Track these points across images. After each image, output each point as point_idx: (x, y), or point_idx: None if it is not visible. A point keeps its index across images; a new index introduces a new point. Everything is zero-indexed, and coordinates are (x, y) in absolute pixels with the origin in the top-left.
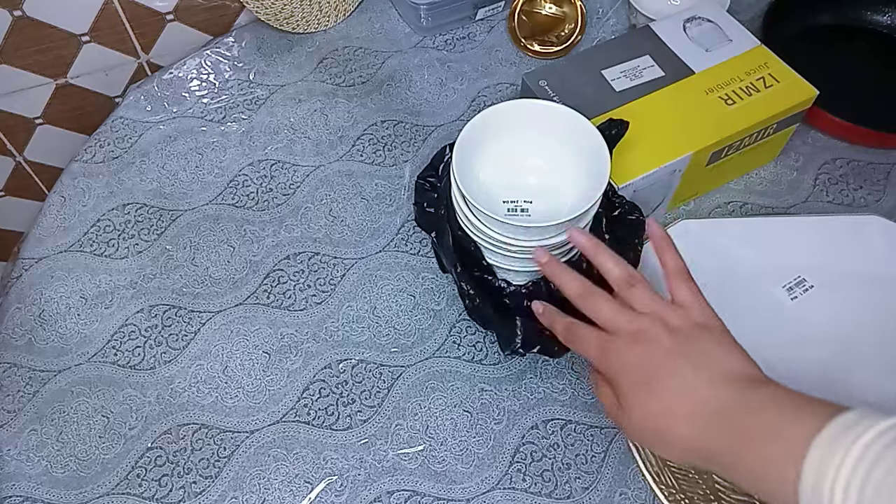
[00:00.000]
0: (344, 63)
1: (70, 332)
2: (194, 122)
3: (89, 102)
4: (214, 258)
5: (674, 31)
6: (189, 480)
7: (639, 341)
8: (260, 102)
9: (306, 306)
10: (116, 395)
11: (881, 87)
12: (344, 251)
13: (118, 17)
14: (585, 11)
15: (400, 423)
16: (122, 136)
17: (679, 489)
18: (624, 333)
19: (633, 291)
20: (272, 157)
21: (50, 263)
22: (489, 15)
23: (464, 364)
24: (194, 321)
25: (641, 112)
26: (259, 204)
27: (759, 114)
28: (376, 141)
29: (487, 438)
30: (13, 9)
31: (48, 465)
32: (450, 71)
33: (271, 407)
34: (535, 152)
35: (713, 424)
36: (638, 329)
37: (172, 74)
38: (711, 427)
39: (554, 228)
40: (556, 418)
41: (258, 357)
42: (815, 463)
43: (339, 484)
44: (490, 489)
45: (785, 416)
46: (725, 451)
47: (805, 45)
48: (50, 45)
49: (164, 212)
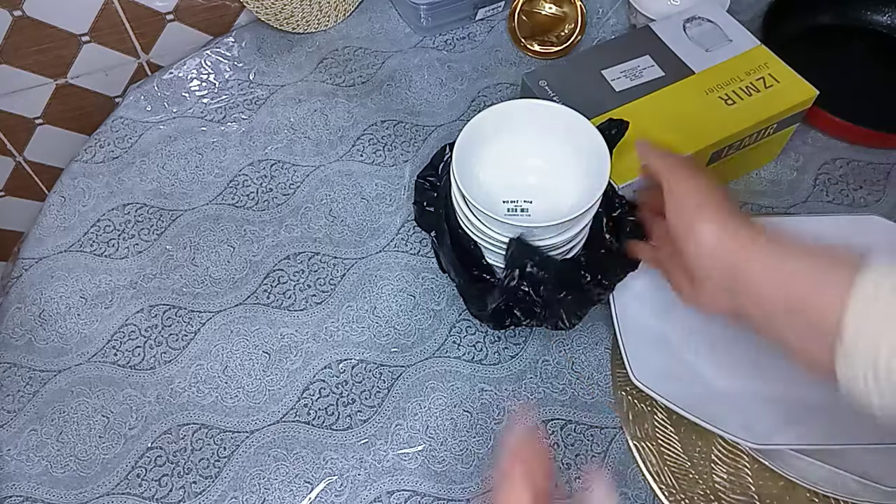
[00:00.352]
0: (344, 63)
1: (70, 332)
2: (194, 122)
3: (89, 102)
4: (214, 258)
5: (674, 31)
6: (189, 480)
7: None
8: (260, 102)
9: (306, 306)
10: (116, 395)
11: (881, 87)
12: (344, 251)
13: (118, 17)
14: (585, 11)
15: (400, 423)
16: (122, 136)
17: (679, 489)
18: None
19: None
20: (272, 157)
21: (50, 263)
22: (489, 15)
23: (464, 364)
24: (194, 321)
25: (641, 112)
26: (259, 204)
27: (759, 114)
28: (376, 141)
29: (487, 438)
30: (13, 9)
31: (48, 465)
32: (450, 71)
33: (271, 407)
34: (535, 152)
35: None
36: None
37: (172, 74)
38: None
39: (554, 228)
40: (556, 418)
41: (258, 357)
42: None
43: (339, 484)
44: (490, 489)
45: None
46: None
47: (805, 45)
48: (50, 45)
49: (164, 212)
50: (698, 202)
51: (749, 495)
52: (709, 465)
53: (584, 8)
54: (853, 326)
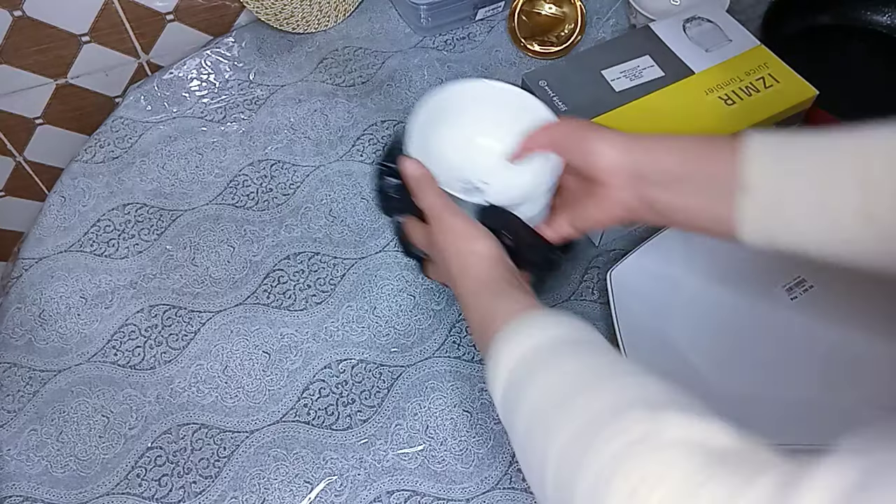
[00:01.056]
0: (344, 63)
1: (70, 332)
2: (194, 122)
3: (89, 102)
4: (214, 258)
5: (674, 32)
6: (189, 480)
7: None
8: (260, 102)
9: (306, 306)
10: (116, 395)
11: (881, 87)
12: (344, 251)
13: (118, 17)
14: (585, 11)
15: (400, 423)
16: (122, 136)
17: None
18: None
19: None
20: (272, 157)
21: (50, 263)
22: (489, 15)
23: (464, 364)
24: (194, 321)
25: (641, 112)
26: (259, 204)
27: (759, 114)
28: (376, 141)
29: (487, 438)
30: (13, 9)
31: (48, 465)
32: (450, 71)
33: (271, 407)
34: (488, 133)
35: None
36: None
37: (172, 74)
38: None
39: (511, 208)
40: None
41: (258, 357)
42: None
43: (338, 484)
44: (490, 489)
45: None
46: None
47: (805, 45)
48: (50, 45)
49: (164, 212)
50: (590, 130)
51: None
52: None
53: (584, 8)
54: (753, 174)
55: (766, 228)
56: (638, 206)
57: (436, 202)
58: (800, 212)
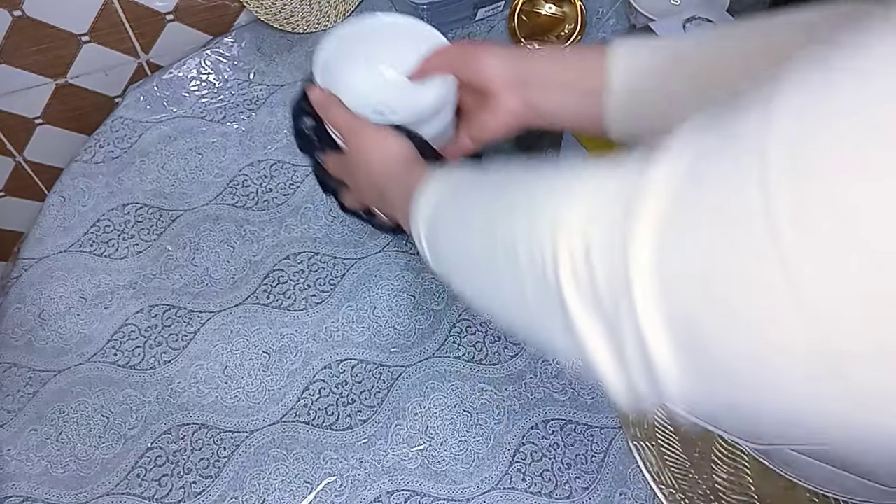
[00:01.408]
0: None
1: (70, 332)
2: (194, 122)
3: (89, 102)
4: (214, 258)
5: (674, 31)
6: (189, 480)
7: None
8: (260, 102)
9: (306, 306)
10: (116, 395)
11: None
12: (344, 251)
13: (118, 17)
14: (585, 11)
15: (400, 423)
16: (122, 136)
17: (679, 489)
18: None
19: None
20: (272, 157)
21: (50, 263)
22: (489, 15)
23: (464, 364)
24: (194, 321)
25: None
26: (259, 204)
27: None
28: None
29: (487, 438)
30: (13, 9)
31: (48, 465)
32: None
33: (271, 407)
34: (390, 62)
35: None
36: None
37: (172, 74)
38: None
39: (419, 125)
40: (556, 418)
41: (258, 357)
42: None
43: (339, 484)
44: (490, 489)
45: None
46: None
47: None
48: (50, 45)
49: (164, 212)
50: (478, 48)
51: (749, 495)
52: (709, 465)
53: (584, 8)
54: (612, 77)
55: (626, 124)
56: (525, 111)
57: (346, 116)
58: (651, 109)
